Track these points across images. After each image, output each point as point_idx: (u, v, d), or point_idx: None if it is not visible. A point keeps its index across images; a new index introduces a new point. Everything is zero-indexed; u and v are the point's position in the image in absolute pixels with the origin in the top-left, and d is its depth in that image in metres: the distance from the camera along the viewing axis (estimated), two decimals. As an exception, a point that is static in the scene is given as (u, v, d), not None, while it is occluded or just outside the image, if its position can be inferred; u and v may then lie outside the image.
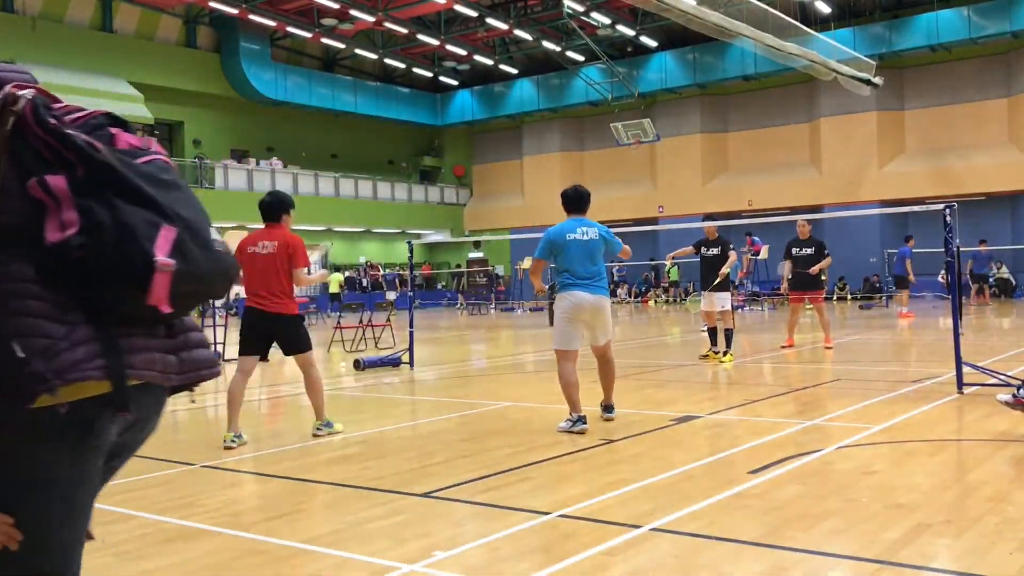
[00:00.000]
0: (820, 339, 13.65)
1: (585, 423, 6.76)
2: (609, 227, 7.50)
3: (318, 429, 6.94)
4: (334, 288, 30.23)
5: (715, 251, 12.15)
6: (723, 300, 11.80)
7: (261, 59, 35.10)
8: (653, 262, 36.95)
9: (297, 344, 6.83)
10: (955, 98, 32.30)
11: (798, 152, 35.50)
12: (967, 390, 8.12)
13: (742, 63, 33.67)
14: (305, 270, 6.76)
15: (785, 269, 13.92)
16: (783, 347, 13.42)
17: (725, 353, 11.65)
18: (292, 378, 12.22)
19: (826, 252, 13.39)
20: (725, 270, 11.62)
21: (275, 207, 6.76)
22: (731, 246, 12.07)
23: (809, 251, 13.32)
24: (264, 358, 7.05)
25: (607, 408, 7.29)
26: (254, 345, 6.86)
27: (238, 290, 17.91)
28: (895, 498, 4.57)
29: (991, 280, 28.93)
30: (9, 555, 1.61)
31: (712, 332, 11.99)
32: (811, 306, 14.99)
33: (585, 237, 7.01)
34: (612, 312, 7.26)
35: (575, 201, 7.22)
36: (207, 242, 1.74)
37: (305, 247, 6.76)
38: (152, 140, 1.86)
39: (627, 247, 7.46)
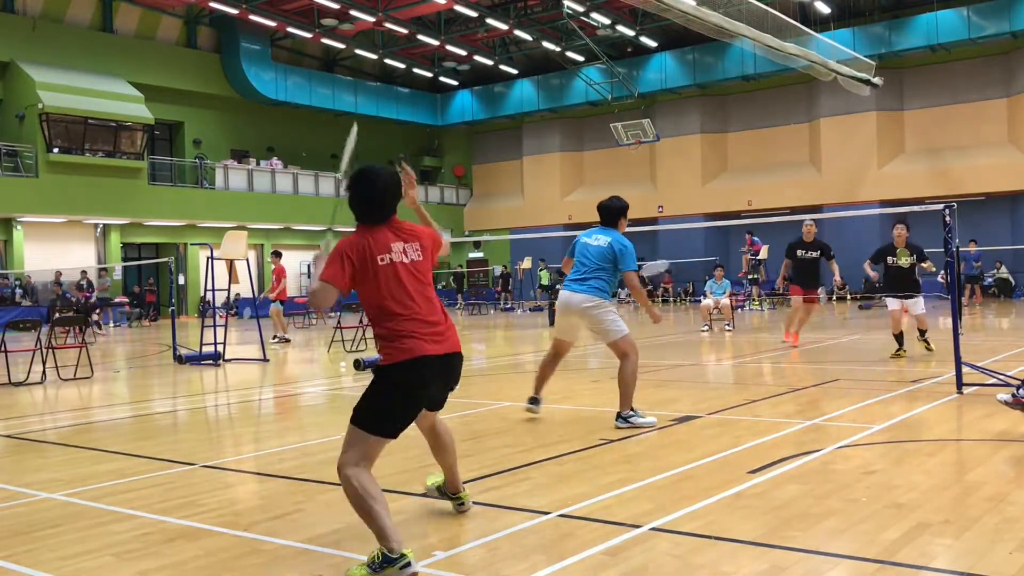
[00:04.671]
0: (821, 338, 13.63)
1: (534, 404, 7.41)
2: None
3: (458, 501, 4.57)
4: None
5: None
6: (917, 305, 11.32)
7: (261, 59, 35.10)
8: (645, 262, 36.97)
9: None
10: (955, 98, 32.31)
11: (798, 152, 35.51)
12: (967, 390, 8.12)
13: (742, 63, 33.68)
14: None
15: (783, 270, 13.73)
16: (787, 343, 13.27)
17: (926, 344, 11.53)
18: (290, 378, 12.22)
19: (832, 253, 12.99)
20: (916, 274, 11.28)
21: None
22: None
23: (814, 254, 12.93)
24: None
25: (616, 416, 7.15)
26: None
27: (238, 289, 17.88)
28: (895, 498, 4.58)
29: (988, 280, 28.94)
30: None
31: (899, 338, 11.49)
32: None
33: (595, 243, 7.17)
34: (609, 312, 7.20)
35: (601, 211, 7.38)
36: None
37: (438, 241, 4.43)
38: None
39: (634, 280, 7.22)
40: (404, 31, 34.05)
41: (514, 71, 39.63)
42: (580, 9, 30.72)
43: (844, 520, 4.23)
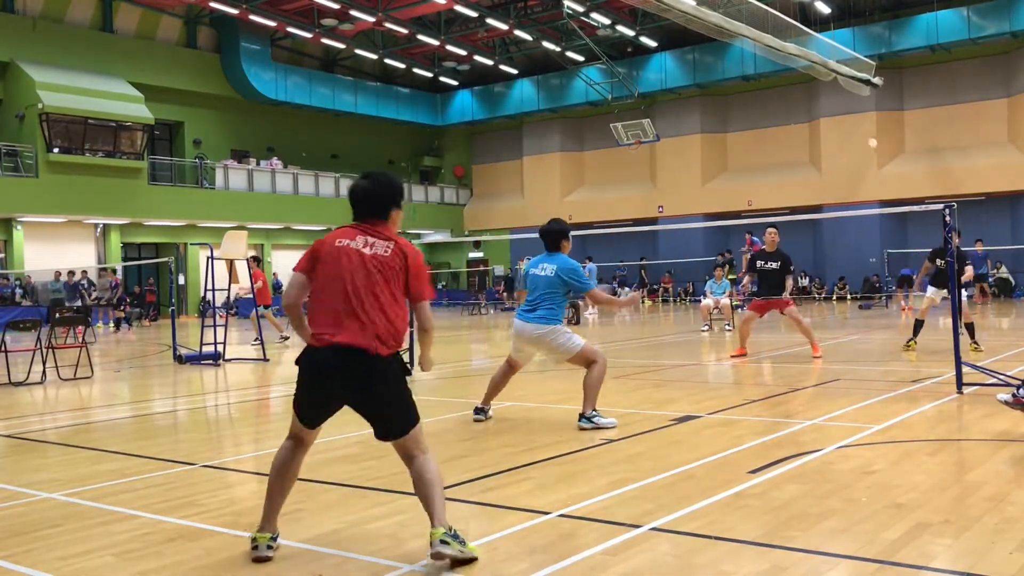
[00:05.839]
0: (822, 338, 13.53)
1: (480, 415, 7.49)
2: (609, 227, 7.60)
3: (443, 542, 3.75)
4: None
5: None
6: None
7: (261, 59, 35.10)
8: (644, 262, 36.99)
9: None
10: (955, 98, 32.31)
11: (798, 152, 35.50)
12: (967, 390, 8.12)
13: (742, 63, 33.69)
14: None
15: (745, 281, 13.48)
16: (733, 356, 12.51)
17: (972, 342, 11.98)
18: (290, 378, 12.23)
19: (792, 268, 12.30)
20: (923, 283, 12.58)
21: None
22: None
23: (775, 265, 12.17)
24: None
25: (579, 416, 7.18)
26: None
27: (237, 290, 17.89)
28: (895, 498, 4.58)
29: (990, 280, 28.98)
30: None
31: (918, 324, 12.52)
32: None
33: (542, 272, 7.30)
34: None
35: (543, 236, 7.46)
36: None
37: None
38: None
39: (598, 292, 7.51)
40: (404, 31, 34.05)
41: (514, 71, 39.62)
42: (580, 9, 30.71)
43: (844, 520, 4.23)
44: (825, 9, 30.44)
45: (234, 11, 31.02)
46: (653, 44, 35.58)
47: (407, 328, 4.10)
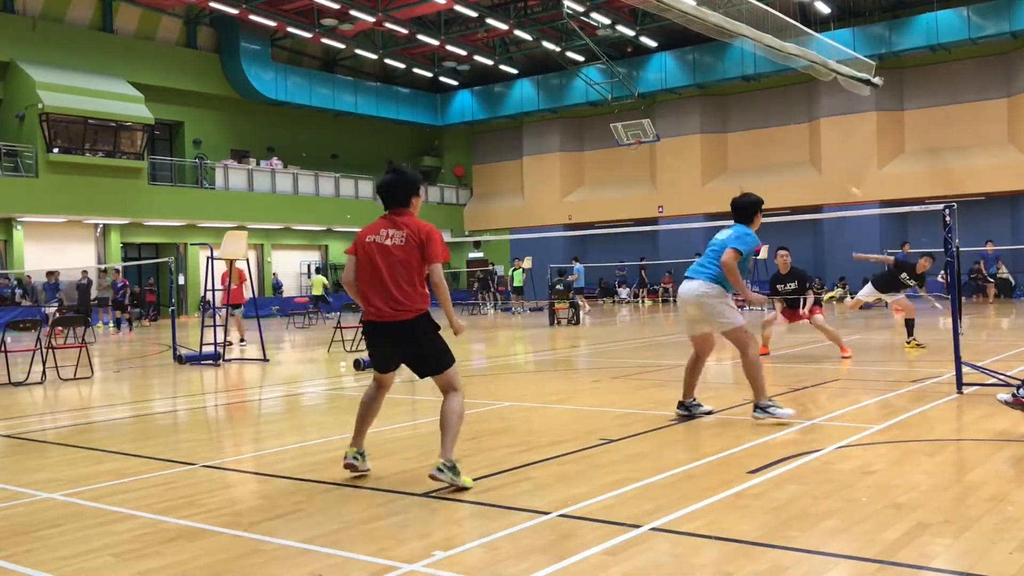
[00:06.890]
0: (821, 338, 13.48)
1: (681, 409, 7.24)
2: (609, 227, 7.56)
3: (439, 470, 5.01)
4: (317, 290, 29.99)
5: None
6: (896, 295, 13.30)
7: (261, 59, 35.11)
8: (644, 262, 36.97)
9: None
10: (955, 98, 32.31)
11: (798, 152, 35.51)
12: (967, 390, 8.12)
13: (742, 63, 33.69)
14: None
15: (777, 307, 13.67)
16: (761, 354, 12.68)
17: (915, 344, 12.60)
18: (290, 378, 12.22)
19: (809, 284, 12.49)
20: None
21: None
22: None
23: (793, 286, 12.41)
24: None
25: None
26: None
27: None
28: (894, 498, 4.58)
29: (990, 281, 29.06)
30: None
31: (908, 323, 13.26)
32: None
33: (720, 236, 7.19)
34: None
35: (732, 210, 7.28)
36: None
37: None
38: None
39: (728, 256, 6.87)
40: (404, 31, 34.05)
41: (514, 71, 39.62)
42: (580, 9, 30.72)
43: (844, 520, 4.23)
44: (825, 9, 30.44)
45: (234, 11, 31.02)
46: (653, 44, 35.58)
47: (428, 295, 5.18)
